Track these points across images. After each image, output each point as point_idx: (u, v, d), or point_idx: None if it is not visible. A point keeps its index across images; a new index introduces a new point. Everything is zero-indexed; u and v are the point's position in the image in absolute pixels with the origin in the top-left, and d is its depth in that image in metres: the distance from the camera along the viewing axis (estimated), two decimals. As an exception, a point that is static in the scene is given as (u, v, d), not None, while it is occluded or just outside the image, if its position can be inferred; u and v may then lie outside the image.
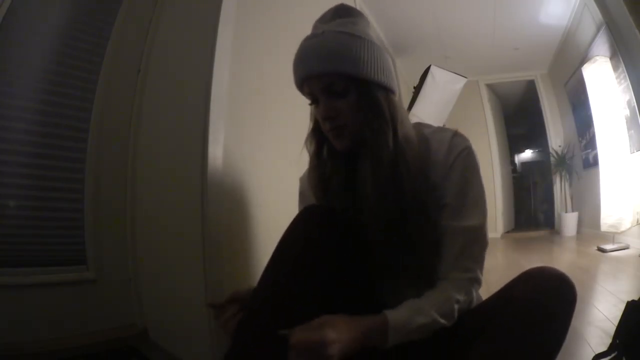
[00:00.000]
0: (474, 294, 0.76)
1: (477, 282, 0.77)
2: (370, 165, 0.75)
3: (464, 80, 3.45)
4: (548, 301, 0.67)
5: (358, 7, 3.15)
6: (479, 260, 0.78)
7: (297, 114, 1.36)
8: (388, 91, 0.77)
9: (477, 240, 0.77)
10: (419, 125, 0.84)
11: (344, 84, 0.74)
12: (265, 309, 0.72)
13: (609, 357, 0.93)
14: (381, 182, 0.75)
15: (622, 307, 0.95)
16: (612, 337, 0.95)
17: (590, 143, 4.24)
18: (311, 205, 0.83)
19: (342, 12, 0.78)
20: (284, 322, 0.68)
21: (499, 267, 2.95)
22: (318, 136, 0.83)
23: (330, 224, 0.78)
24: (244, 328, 0.72)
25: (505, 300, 0.72)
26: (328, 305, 0.79)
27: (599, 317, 1.53)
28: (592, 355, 0.98)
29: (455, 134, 0.81)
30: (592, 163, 4.25)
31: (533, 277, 0.71)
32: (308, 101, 0.81)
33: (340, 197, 0.81)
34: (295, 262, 0.74)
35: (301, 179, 0.95)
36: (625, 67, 3.11)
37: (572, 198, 5.05)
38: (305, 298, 0.73)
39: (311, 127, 0.84)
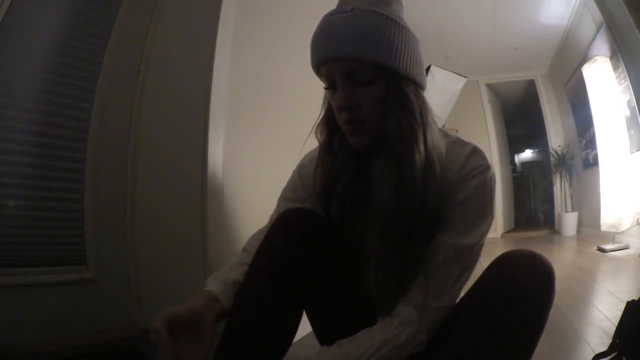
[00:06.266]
0: (424, 332, 0.67)
1: (438, 310, 0.68)
2: (395, 172, 0.66)
3: (464, 80, 3.44)
4: (518, 279, 0.62)
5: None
6: (455, 285, 0.69)
7: (296, 114, 1.36)
8: (418, 87, 0.69)
9: (460, 261, 0.69)
10: (439, 133, 0.74)
11: (371, 73, 0.65)
12: (249, 313, 0.69)
13: (609, 357, 0.93)
14: (406, 192, 0.65)
15: (622, 307, 0.95)
16: (612, 337, 0.95)
17: (590, 143, 4.24)
18: (289, 209, 0.76)
19: None
20: (268, 325, 0.68)
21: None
22: (330, 125, 0.74)
23: (307, 231, 0.72)
24: (229, 334, 0.69)
25: (476, 289, 0.69)
26: (311, 304, 0.79)
27: (599, 317, 1.53)
28: (592, 355, 0.98)
29: (474, 151, 0.71)
30: (592, 163, 4.25)
31: (502, 259, 0.68)
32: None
33: (343, 196, 0.74)
34: (274, 266, 0.70)
35: (301, 165, 0.86)
36: (625, 67, 3.11)
37: (572, 198, 5.06)
38: (287, 300, 0.71)
39: (323, 113, 0.75)
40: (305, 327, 0.80)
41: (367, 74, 0.65)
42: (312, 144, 0.81)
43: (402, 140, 0.66)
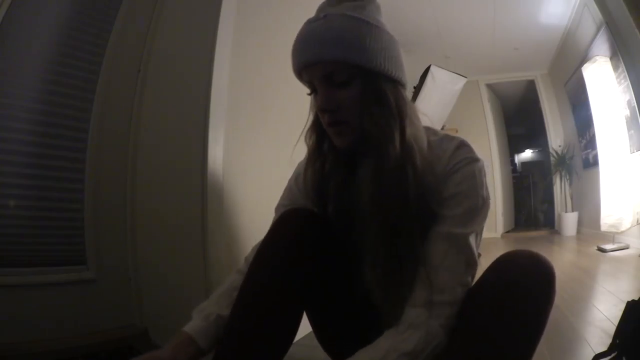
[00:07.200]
0: (440, 332, 0.64)
1: (450, 305, 0.66)
2: (373, 166, 0.68)
3: (463, 80, 3.44)
4: (518, 280, 0.62)
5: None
6: (461, 278, 0.67)
7: (296, 114, 1.36)
8: (397, 83, 0.70)
9: (460, 251, 0.68)
10: (427, 130, 0.75)
11: (347, 74, 0.67)
12: (250, 313, 0.70)
13: (609, 357, 0.93)
14: (383, 186, 0.67)
15: (622, 307, 0.95)
16: (612, 337, 0.95)
17: (590, 143, 4.24)
18: (289, 209, 0.77)
19: None
20: (269, 325, 0.68)
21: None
22: (319, 129, 0.76)
23: (307, 232, 0.73)
24: (229, 333, 0.70)
25: (476, 289, 0.68)
26: (311, 305, 0.79)
27: (599, 317, 1.53)
28: (592, 355, 0.98)
29: (461, 144, 0.72)
30: (592, 163, 4.25)
31: (502, 260, 0.67)
32: (307, 90, 0.74)
33: (336, 197, 0.75)
34: (276, 265, 0.71)
35: (297, 173, 0.87)
36: (625, 67, 3.11)
37: (572, 198, 5.06)
38: (288, 299, 0.71)
39: (311, 119, 0.77)
40: (305, 327, 0.80)
41: (343, 75, 0.67)
42: (305, 147, 0.81)
43: (378, 135, 0.67)
